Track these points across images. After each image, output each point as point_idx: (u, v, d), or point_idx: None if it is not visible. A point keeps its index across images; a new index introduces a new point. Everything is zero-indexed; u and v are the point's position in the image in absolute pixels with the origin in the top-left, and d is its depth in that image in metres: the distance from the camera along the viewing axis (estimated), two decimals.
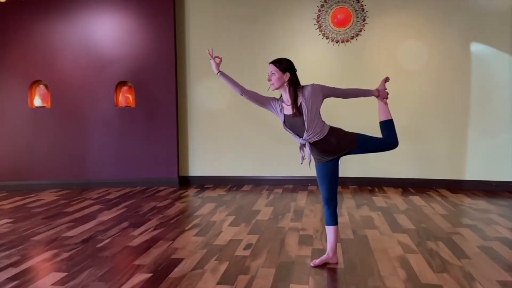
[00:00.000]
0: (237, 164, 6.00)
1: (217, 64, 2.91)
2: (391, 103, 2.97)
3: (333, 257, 2.90)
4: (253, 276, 2.73)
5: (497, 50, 5.32)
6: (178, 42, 6.00)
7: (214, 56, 2.91)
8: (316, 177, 2.94)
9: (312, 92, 2.74)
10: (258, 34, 5.85)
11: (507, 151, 5.36)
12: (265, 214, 4.31)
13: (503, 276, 2.65)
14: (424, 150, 5.59)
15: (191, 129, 6.08)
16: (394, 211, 4.38)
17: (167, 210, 4.54)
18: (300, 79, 2.85)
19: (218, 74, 2.90)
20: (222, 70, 2.91)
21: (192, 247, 3.30)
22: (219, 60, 2.93)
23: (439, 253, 3.09)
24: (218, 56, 2.94)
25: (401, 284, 2.56)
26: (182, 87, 6.04)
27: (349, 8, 5.62)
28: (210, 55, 2.90)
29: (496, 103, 5.37)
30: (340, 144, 2.80)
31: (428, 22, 5.50)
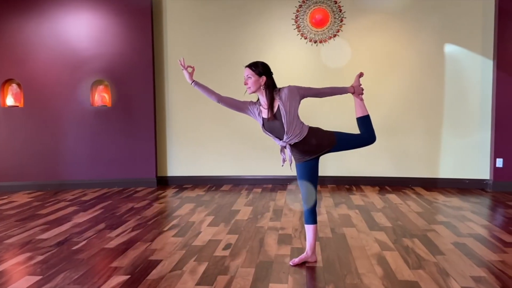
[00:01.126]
0: (216, 164, 5.98)
1: (190, 74, 2.89)
2: (368, 102, 3.01)
3: (312, 255, 2.93)
4: (232, 276, 2.72)
5: (469, 51, 5.47)
6: (156, 40, 5.93)
7: (186, 66, 2.88)
8: (294, 176, 2.96)
9: (289, 94, 2.74)
10: (236, 33, 5.84)
11: (478, 150, 5.52)
12: (244, 214, 4.31)
13: (477, 272, 2.73)
14: (400, 149, 5.70)
15: (170, 128, 6.02)
16: (371, 209, 4.45)
17: (145, 211, 4.48)
18: (279, 79, 2.86)
19: (192, 84, 2.88)
20: (196, 80, 2.89)
21: (171, 248, 3.27)
22: (191, 69, 2.91)
23: (415, 250, 3.16)
24: (190, 65, 2.91)
25: (378, 281, 2.60)
26: (160, 86, 5.97)
27: (326, 8, 5.68)
28: (182, 66, 2.88)
29: (469, 103, 5.52)
30: (320, 144, 2.82)
31: (404, 23, 5.60)
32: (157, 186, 5.90)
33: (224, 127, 5.88)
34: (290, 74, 5.68)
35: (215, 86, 5.61)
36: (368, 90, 4.32)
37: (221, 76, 5.77)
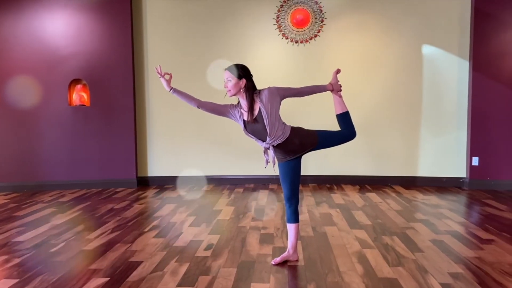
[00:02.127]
0: (198, 164, 5.94)
1: (167, 81, 2.85)
2: (348, 102, 3.04)
3: (294, 254, 2.94)
4: (214, 276, 2.71)
5: (446, 52, 5.59)
6: (136, 39, 5.85)
7: (163, 74, 2.85)
8: (276, 176, 2.97)
9: (269, 95, 2.74)
10: (217, 33, 5.82)
11: (455, 149, 5.64)
12: (226, 214, 4.30)
13: (454, 268, 2.79)
14: (380, 149, 5.78)
15: (150, 128, 5.95)
16: (352, 207, 4.50)
17: (125, 212, 4.42)
18: (260, 79, 2.86)
19: (171, 91, 2.84)
20: (174, 87, 2.86)
21: (151, 249, 3.23)
22: (169, 76, 2.87)
23: (394, 247, 3.21)
24: (167, 72, 2.88)
25: (358, 279, 2.63)
26: (140, 85, 5.90)
27: (307, 9, 5.71)
28: (158, 74, 2.84)
29: (446, 103, 5.64)
30: (303, 143, 2.84)
31: (383, 24, 5.68)
32: (138, 186, 5.83)
33: (206, 126, 5.84)
34: (271, 74, 5.70)
35: (196, 86, 5.62)
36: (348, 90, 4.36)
37: (202, 76, 5.73)
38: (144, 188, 5.73)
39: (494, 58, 5.35)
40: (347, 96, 3.05)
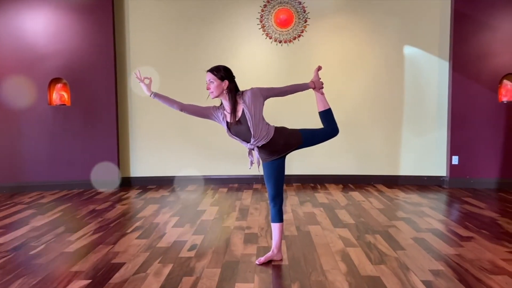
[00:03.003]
0: (181, 164, 5.90)
1: (147, 85, 2.82)
2: (331, 102, 3.06)
3: (278, 254, 2.95)
4: (198, 277, 2.69)
5: (427, 53, 5.68)
6: (118, 38, 5.77)
7: (143, 78, 2.82)
8: (261, 176, 2.97)
9: (252, 97, 2.73)
10: (201, 32, 5.79)
11: (436, 148, 5.74)
12: (210, 214, 4.28)
13: (435, 266, 2.84)
14: (362, 148, 5.84)
15: (133, 128, 5.88)
16: (335, 206, 4.54)
17: (107, 213, 4.36)
18: (243, 79, 2.86)
19: (151, 95, 2.81)
20: (154, 91, 2.82)
21: (134, 251, 3.20)
22: (148, 81, 2.84)
23: (377, 245, 3.25)
24: (147, 77, 2.84)
25: (342, 277, 2.65)
26: (122, 84, 5.83)
27: (291, 9, 5.73)
28: (138, 79, 2.81)
29: (426, 102, 5.74)
30: (287, 143, 2.84)
31: (365, 25, 5.74)
32: (120, 187, 5.76)
33: (189, 126, 5.81)
34: (255, 74, 5.70)
35: (179, 86, 5.58)
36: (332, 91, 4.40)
37: (186, 76, 5.70)
38: (127, 189, 5.66)
39: (473, 59, 5.47)
40: (330, 96, 3.08)
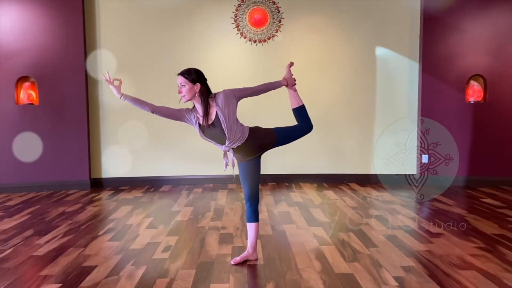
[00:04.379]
0: (155, 164, 5.82)
1: (117, 87, 2.75)
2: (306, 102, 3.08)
3: (253, 253, 2.94)
4: (172, 278, 2.66)
5: (398, 54, 5.81)
6: (88, 35, 5.63)
7: (112, 80, 2.74)
8: (236, 175, 2.96)
9: (225, 99, 2.71)
10: (174, 31, 5.72)
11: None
12: (184, 215, 4.24)
13: (406, 262, 2.90)
14: (336, 147, 5.92)
15: (104, 128, 5.75)
16: (310, 205, 4.58)
17: (78, 215, 4.25)
18: (218, 78, 2.84)
19: (121, 97, 2.75)
20: (124, 93, 2.76)
21: (106, 253, 3.13)
22: (118, 82, 2.77)
23: (350, 243, 3.30)
24: (116, 78, 2.77)
25: (316, 275, 2.68)
26: (93, 83, 5.69)
27: (265, 9, 5.74)
28: (107, 81, 2.74)
29: (398, 103, 5.87)
30: (262, 143, 2.84)
31: (339, 26, 5.82)
32: (91, 188, 5.62)
33: (163, 126, 5.72)
34: (229, 73, 5.68)
35: (151, 85, 5.49)
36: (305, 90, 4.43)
37: (158, 75, 5.62)
38: (98, 190, 5.54)
39: (442, 61, 5.63)
40: (304, 96, 3.10)
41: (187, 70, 2.73)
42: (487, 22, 5.55)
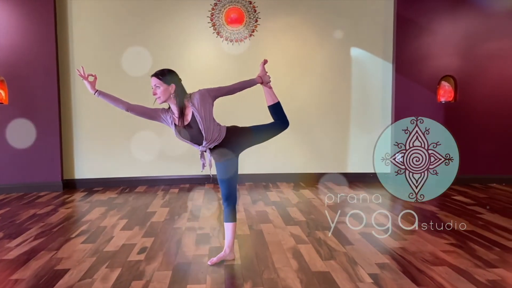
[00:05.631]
0: (130, 165, 5.72)
1: (91, 83, 2.68)
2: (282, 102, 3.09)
3: (230, 253, 2.94)
4: (148, 280, 2.62)
5: (372, 55, 5.91)
6: (60, 33, 5.49)
7: (86, 75, 2.67)
8: (213, 175, 2.94)
9: (200, 99, 2.69)
10: (149, 30, 5.64)
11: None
12: (160, 216, 4.18)
13: (381, 259, 2.96)
14: (312, 147, 5.97)
15: (77, 128, 5.62)
16: (287, 204, 4.60)
17: (50, 218, 4.14)
18: (195, 78, 2.82)
19: (96, 93, 2.68)
20: (99, 89, 2.69)
21: (79, 256, 3.06)
22: (93, 78, 2.70)
23: (327, 241, 3.33)
24: (91, 74, 2.69)
25: (293, 274, 2.69)
26: (65, 82, 5.55)
27: (241, 8, 5.73)
28: (81, 76, 2.66)
29: (372, 103, 5.97)
30: (239, 142, 2.84)
31: (315, 26, 5.87)
32: (63, 190, 5.48)
33: (138, 125, 5.62)
34: (206, 73, 5.64)
35: (125, 86, 5.40)
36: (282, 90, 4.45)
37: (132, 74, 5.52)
38: (71, 192, 5.40)
39: (414, 61, 5.75)
40: (280, 95, 3.11)
41: (160, 71, 2.69)
42: (458, 24, 5.71)
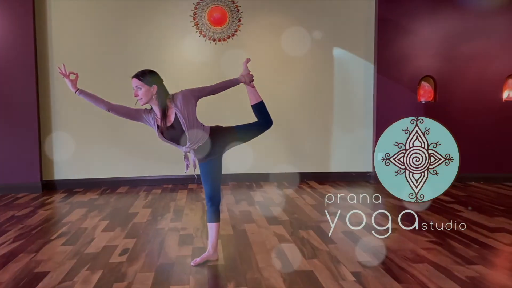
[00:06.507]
0: (111, 165, 5.64)
1: (72, 81, 2.62)
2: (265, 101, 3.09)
3: (214, 254, 2.92)
4: (130, 282, 2.59)
5: (354, 55, 5.97)
6: (39, 33, 5.37)
7: (68, 73, 2.61)
8: (197, 175, 2.93)
9: (183, 100, 2.66)
10: (131, 29, 5.57)
11: (362, 145, 6.06)
12: (142, 216, 4.14)
13: (363, 257, 2.99)
14: (296, 146, 6.00)
15: (56, 127, 5.51)
16: (270, 204, 4.61)
17: (28, 219, 4.04)
18: (177, 78, 2.79)
19: (77, 92, 2.62)
20: (80, 88, 2.64)
21: (60, 258, 3.00)
22: (74, 76, 2.64)
23: (310, 240, 3.35)
24: (73, 72, 2.64)
25: (277, 274, 2.70)
26: (44, 82, 5.43)
27: (224, 7, 5.72)
28: (62, 74, 2.60)
29: (354, 103, 6.03)
30: (223, 142, 2.83)
31: (297, 27, 5.88)
32: (43, 191, 5.37)
33: (119, 125, 5.55)
34: (189, 73, 5.60)
35: (106, 85, 5.32)
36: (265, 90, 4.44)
37: (114, 75, 5.45)
38: (51, 193, 5.30)
39: (395, 62, 5.84)
40: (263, 95, 3.11)
41: (141, 72, 2.66)
42: (437, 26, 5.82)
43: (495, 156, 5.88)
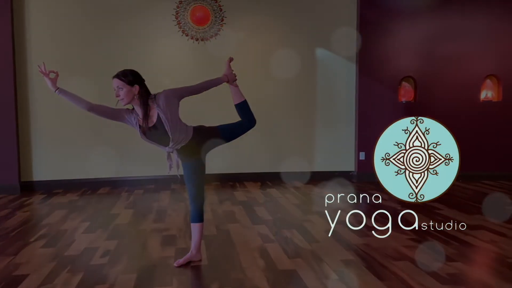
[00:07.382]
0: (92, 166, 5.54)
1: (52, 80, 2.56)
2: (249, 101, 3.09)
3: (197, 254, 2.91)
4: (111, 284, 2.55)
5: (336, 55, 6.02)
6: (17, 31, 5.25)
7: (48, 72, 2.56)
8: (180, 175, 2.90)
9: (166, 100, 2.63)
10: (112, 28, 5.49)
11: (345, 145, 6.12)
12: (124, 218, 4.09)
13: (346, 255, 3.02)
14: (279, 146, 6.01)
15: (35, 128, 5.39)
16: (254, 204, 4.61)
17: (6, 221, 3.95)
18: (160, 77, 2.76)
19: (56, 91, 2.56)
20: (60, 87, 2.58)
21: (39, 261, 2.93)
22: (54, 75, 2.58)
23: (293, 240, 3.36)
24: (53, 70, 2.58)
25: (260, 273, 2.70)
26: (22, 82, 5.31)
27: (207, 6, 5.69)
28: (42, 73, 2.55)
29: (337, 103, 6.08)
30: (206, 142, 2.81)
31: (281, 26, 5.91)
32: (21, 192, 5.24)
33: (100, 125, 5.46)
34: (171, 72, 5.56)
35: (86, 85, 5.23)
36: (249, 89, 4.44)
37: (93, 74, 5.37)
38: (29, 194, 5.18)
39: (377, 63, 5.91)
40: (247, 94, 3.10)
41: (122, 72, 2.62)
42: (418, 27, 5.93)
43: (474, 155, 6.01)
